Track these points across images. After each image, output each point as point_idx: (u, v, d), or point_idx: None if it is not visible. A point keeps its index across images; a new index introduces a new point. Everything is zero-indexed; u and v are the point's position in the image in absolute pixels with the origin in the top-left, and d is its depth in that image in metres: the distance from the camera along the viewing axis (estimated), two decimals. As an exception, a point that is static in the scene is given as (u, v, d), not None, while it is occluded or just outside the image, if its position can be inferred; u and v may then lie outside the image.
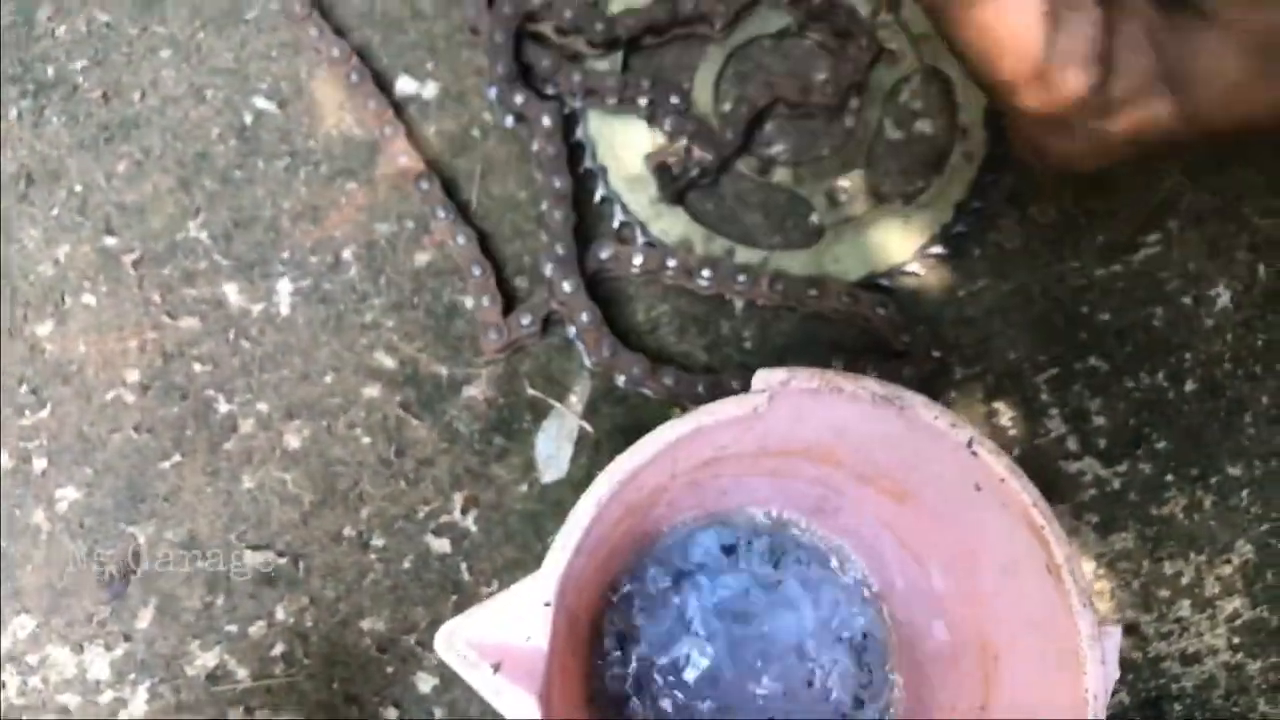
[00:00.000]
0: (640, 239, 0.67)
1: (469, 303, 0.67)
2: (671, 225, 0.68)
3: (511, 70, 0.67)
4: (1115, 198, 0.70)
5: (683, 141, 0.67)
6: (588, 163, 0.69)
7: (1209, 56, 0.42)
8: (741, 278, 0.63)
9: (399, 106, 0.70)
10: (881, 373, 0.62)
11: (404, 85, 0.71)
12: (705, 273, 0.63)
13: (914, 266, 0.66)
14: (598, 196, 0.69)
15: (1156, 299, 0.69)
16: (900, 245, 0.67)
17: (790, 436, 0.49)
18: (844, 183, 0.68)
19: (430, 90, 0.71)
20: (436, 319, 0.68)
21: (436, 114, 0.71)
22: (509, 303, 0.67)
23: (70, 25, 0.71)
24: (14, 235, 0.68)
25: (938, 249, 0.67)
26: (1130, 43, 0.43)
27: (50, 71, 0.70)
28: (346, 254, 0.68)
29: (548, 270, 0.63)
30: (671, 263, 0.63)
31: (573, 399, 0.67)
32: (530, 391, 0.67)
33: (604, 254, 0.64)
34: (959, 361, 0.68)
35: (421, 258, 0.68)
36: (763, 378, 0.44)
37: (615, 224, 0.68)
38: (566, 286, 0.62)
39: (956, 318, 0.68)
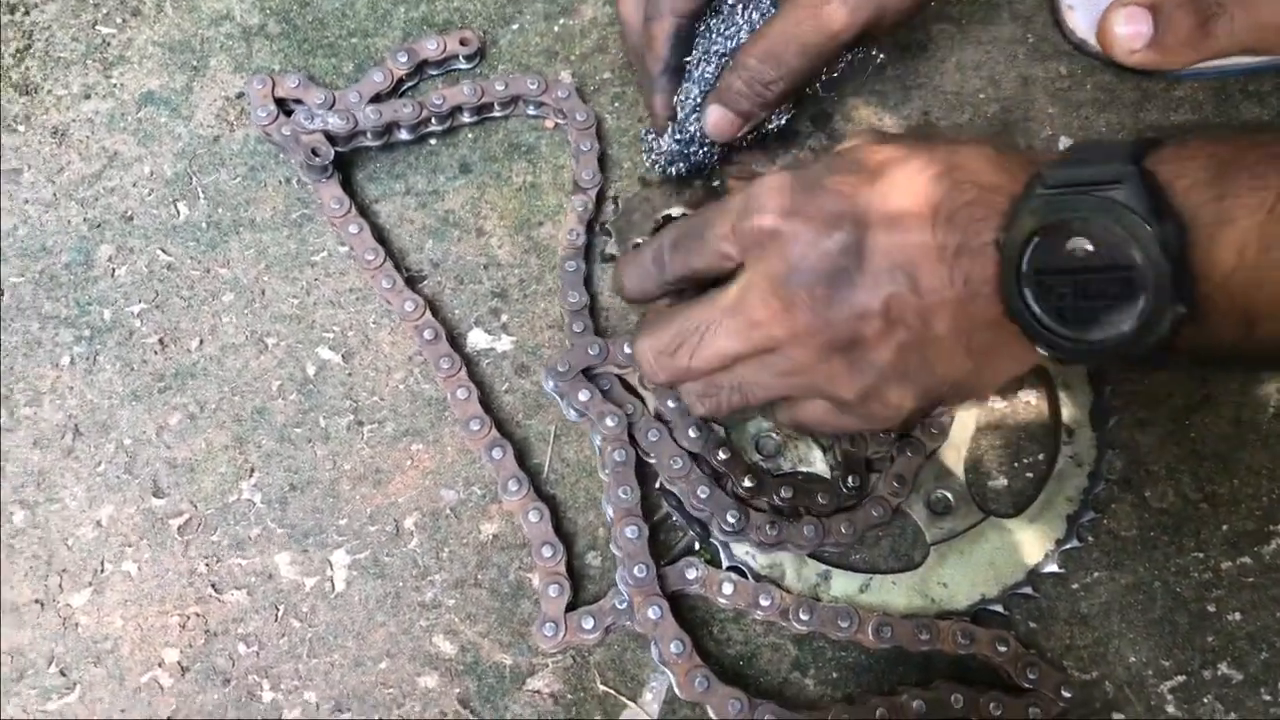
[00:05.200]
0: (725, 562, 0.62)
1: (537, 580, 0.62)
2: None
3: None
4: (1240, 480, 0.65)
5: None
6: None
7: None
8: (844, 623, 0.58)
9: (471, 361, 0.66)
10: (1006, 711, 0.56)
11: (476, 339, 0.67)
12: (803, 615, 0.58)
13: (1028, 588, 0.61)
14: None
15: (1291, 598, 0.63)
16: (1011, 564, 0.62)
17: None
18: (944, 492, 0.63)
19: (504, 344, 0.67)
20: (501, 599, 0.62)
21: (510, 371, 0.67)
22: (576, 584, 0.62)
23: (131, 266, 0.68)
24: (55, 494, 0.63)
25: (1053, 567, 0.61)
26: None
27: (107, 315, 0.67)
28: (408, 523, 0.63)
29: (624, 590, 0.58)
30: (765, 601, 0.58)
31: (648, 697, 0.61)
32: (601, 687, 0.61)
33: (690, 575, 0.59)
34: (1074, 665, 0.61)
35: (488, 528, 0.63)
36: None
37: (695, 544, 0.63)
38: (651, 614, 0.57)
39: (1071, 614, 0.62)
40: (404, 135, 0.70)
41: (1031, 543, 0.62)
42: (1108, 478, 0.64)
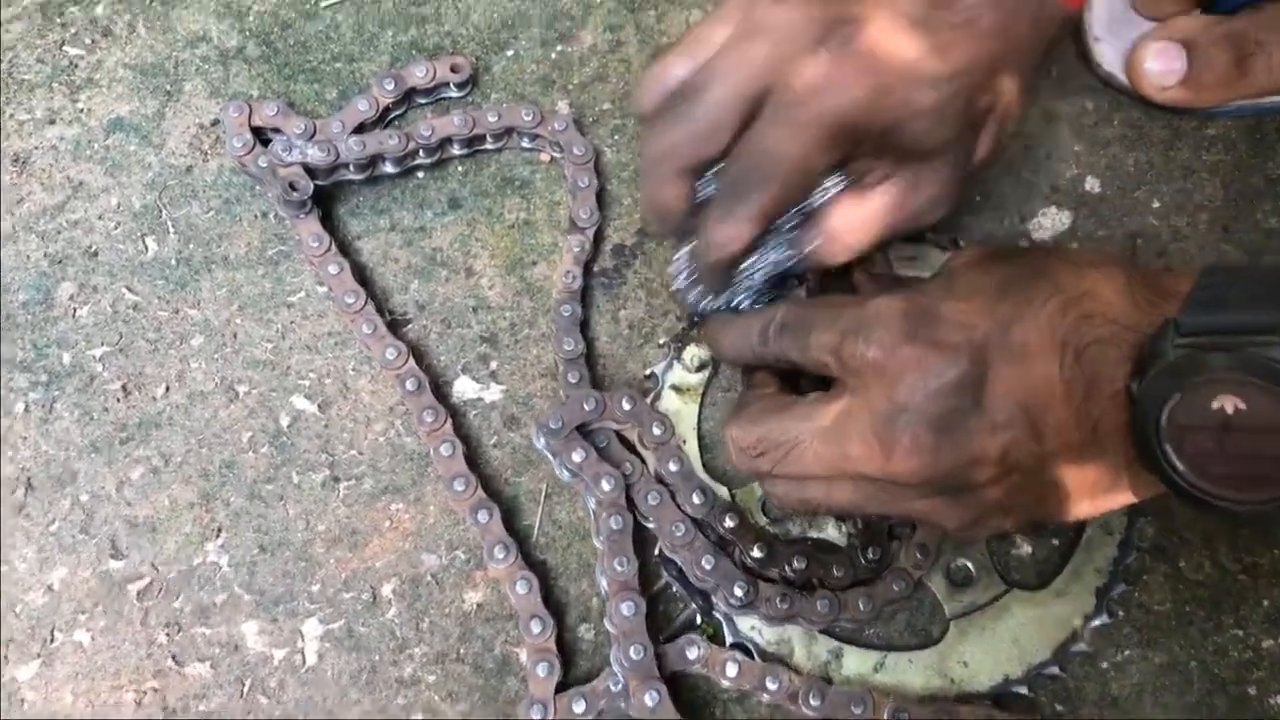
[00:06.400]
0: (729, 637, 0.57)
1: (524, 656, 0.57)
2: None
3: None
4: (1281, 552, 0.60)
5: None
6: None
7: None
8: (857, 708, 0.53)
9: (457, 412, 0.62)
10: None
11: (463, 387, 0.63)
12: (813, 700, 0.53)
13: (1055, 668, 0.56)
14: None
15: (1338, 680, 0.58)
16: (1037, 641, 0.57)
17: None
18: (965, 561, 0.59)
19: (493, 394, 0.63)
20: (485, 675, 0.57)
21: (499, 423, 0.62)
22: (567, 660, 0.57)
23: (94, 305, 0.63)
24: (3, 555, 0.58)
25: (1081, 645, 0.57)
26: None
27: (66, 358, 0.62)
28: (386, 590, 0.59)
29: (619, 672, 0.53)
30: (772, 685, 0.53)
31: (645, 784, 0.56)
32: (594, 773, 0.56)
33: (691, 654, 0.54)
34: (1105, 752, 0.57)
35: (472, 597, 0.59)
36: None
37: (697, 616, 0.58)
38: (648, 699, 0.52)
39: (1101, 696, 0.58)
40: (389, 168, 0.65)
41: (1058, 618, 0.58)
42: (1139, 546, 0.59)
